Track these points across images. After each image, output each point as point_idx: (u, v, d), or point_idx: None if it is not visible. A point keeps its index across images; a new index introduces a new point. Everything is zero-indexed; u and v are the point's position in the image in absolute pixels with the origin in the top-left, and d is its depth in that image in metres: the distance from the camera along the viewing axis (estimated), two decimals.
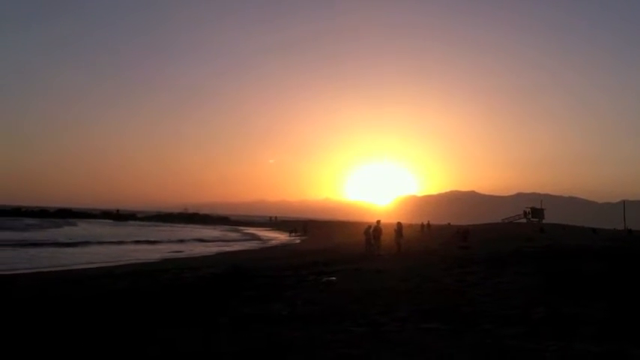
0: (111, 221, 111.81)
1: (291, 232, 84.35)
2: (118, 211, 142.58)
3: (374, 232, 27.64)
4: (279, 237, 75.54)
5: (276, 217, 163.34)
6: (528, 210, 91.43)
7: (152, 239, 52.18)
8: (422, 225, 63.96)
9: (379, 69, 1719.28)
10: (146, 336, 7.94)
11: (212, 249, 42.63)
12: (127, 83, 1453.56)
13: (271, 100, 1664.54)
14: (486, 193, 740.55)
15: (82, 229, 71.67)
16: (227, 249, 43.55)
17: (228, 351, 6.74)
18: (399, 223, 29.16)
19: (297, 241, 61.51)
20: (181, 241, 52.70)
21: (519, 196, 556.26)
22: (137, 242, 47.18)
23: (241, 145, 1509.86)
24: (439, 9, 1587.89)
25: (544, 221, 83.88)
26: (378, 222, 28.45)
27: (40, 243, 40.29)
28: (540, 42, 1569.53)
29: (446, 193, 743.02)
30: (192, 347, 7.10)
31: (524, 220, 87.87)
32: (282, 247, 48.57)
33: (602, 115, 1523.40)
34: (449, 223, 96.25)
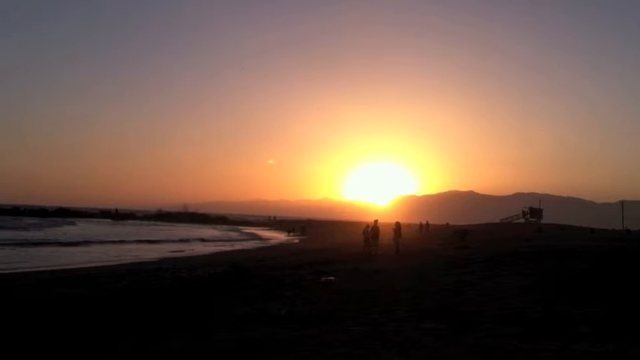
0: (110, 220, 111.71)
1: (289, 231, 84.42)
2: (116, 210, 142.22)
3: (372, 231, 27.65)
4: (278, 236, 75.61)
5: (274, 217, 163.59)
6: (527, 210, 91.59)
7: (151, 239, 52.24)
8: (420, 225, 64.04)
9: (377, 68, 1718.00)
10: (144, 335, 7.96)
11: (211, 248, 42.69)
12: (126, 82, 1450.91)
13: (270, 100, 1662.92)
14: (485, 193, 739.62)
15: (82, 228, 71.64)
16: (225, 248, 43.63)
17: (226, 349, 6.77)
18: (397, 223, 29.18)
19: (296, 241, 61.58)
20: (180, 240, 52.72)
21: (518, 196, 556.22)
22: (136, 242, 47.21)
23: (240, 145, 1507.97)
24: (438, 7, 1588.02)
25: (542, 221, 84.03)
26: (376, 221, 28.47)
27: (40, 242, 40.29)
28: (539, 41, 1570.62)
29: (444, 192, 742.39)
30: (190, 346, 7.13)
31: (522, 220, 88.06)
32: (281, 246, 48.61)
33: (601, 115, 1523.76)
34: (447, 223, 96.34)
